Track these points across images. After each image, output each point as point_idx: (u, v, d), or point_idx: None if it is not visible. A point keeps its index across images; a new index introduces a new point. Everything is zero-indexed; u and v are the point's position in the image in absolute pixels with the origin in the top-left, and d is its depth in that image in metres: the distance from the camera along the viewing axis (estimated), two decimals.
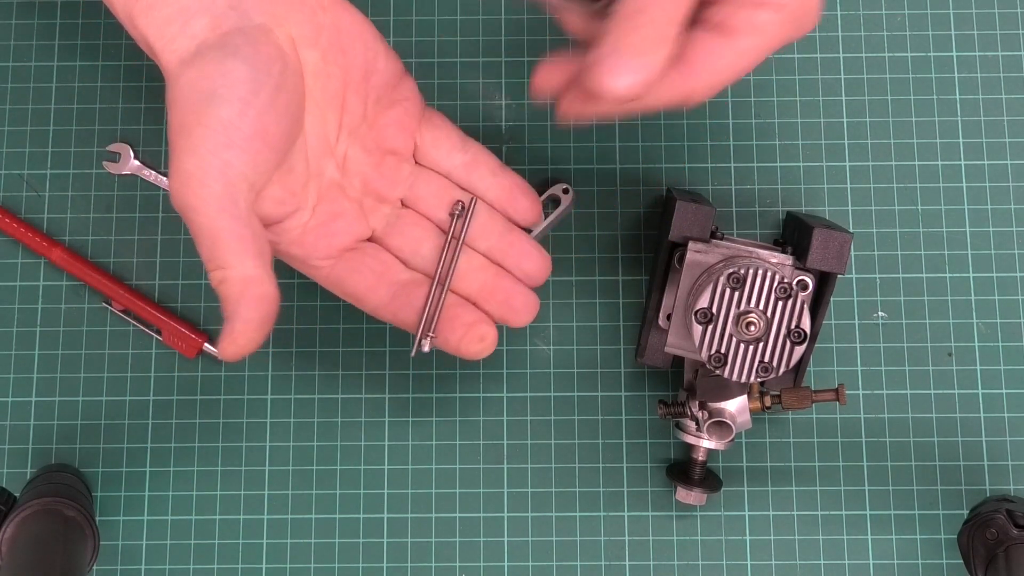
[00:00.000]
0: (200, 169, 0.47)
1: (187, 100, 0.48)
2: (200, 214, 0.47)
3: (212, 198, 0.47)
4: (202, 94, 0.48)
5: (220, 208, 0.48)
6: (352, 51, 0.54)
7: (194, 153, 0.47)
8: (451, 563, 0.63)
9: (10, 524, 0.57)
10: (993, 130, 0.66)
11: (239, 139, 0.48)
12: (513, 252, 0.57)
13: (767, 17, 0.47)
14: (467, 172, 0.57)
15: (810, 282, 0.54)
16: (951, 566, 0.63)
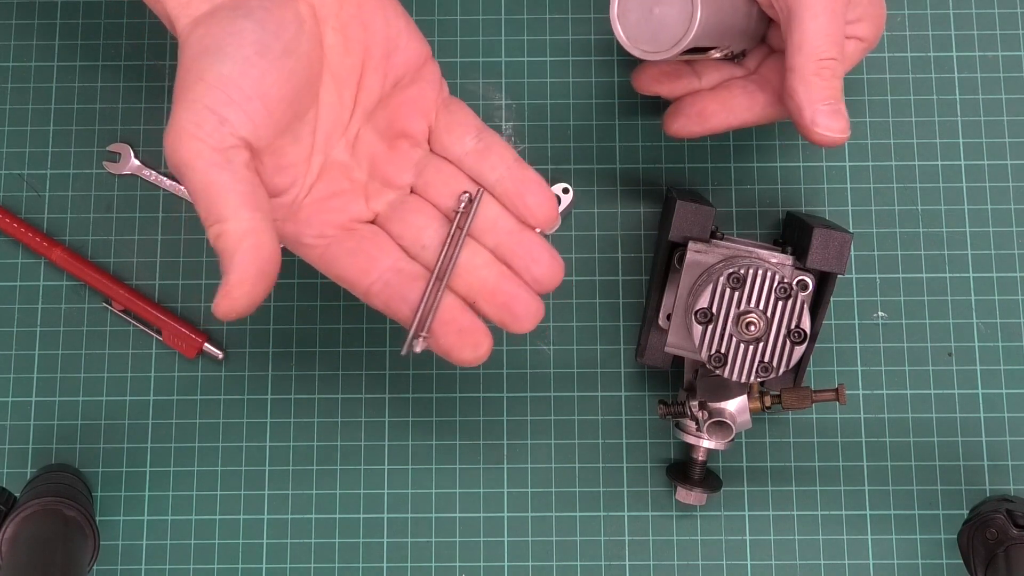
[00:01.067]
0: (194, 124, 0.46)
1: (191, 57, 0.47)
2: (194, 169, 0.46)
3: (206, 152, 0.46)
4: (206, 50, 0.47)
5: (213, 163, 0.46)
6: (373, 27, 0.52)
7: (190, 108, 0.46)
8: (451, 563, 0.63)
9: (10, 524, 0.57)
10: (993, 130, 0.66)
11: (238, 96, 0.47)
12: (522, 252, 0.53)
13: (854, 48, 0.57)
14: (478, 160, 0.53)
15: (810, 282, 0.54)
16: (951, 566, 0.63)
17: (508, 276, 0.53)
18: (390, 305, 0.52)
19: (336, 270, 0.52)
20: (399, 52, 0.53)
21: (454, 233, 0.52)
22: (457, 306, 0.53)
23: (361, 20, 0.52)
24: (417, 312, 0.51)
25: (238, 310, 0.46)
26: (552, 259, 0.53)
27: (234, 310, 0.46)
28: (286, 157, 0.50)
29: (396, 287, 0.52)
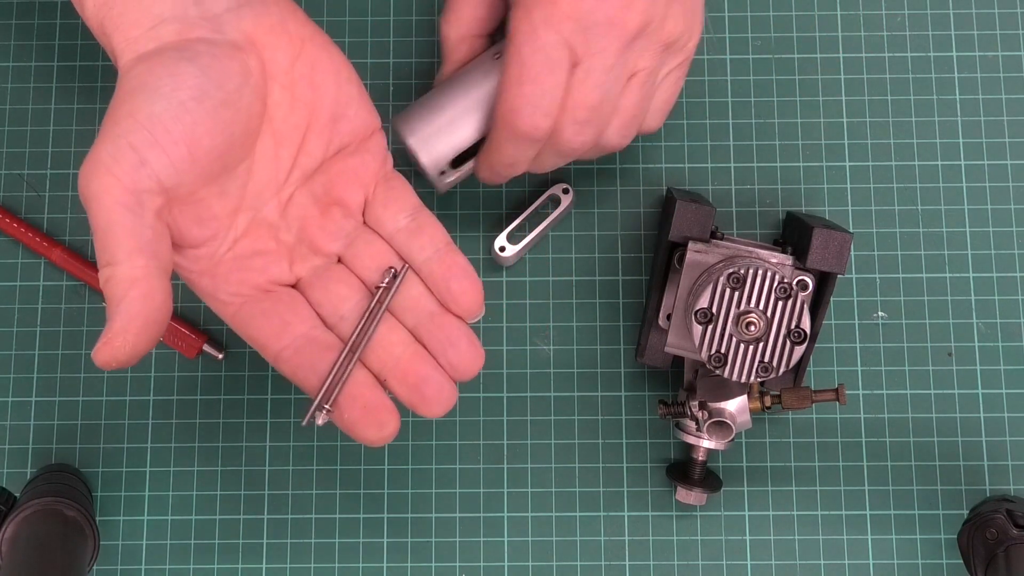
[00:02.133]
0: (112, 158, 0.45)
1: (127, 91, 0.46)
2: (100, 205, 0.44)
3: (116, 190, 0.44)
4: (143, 87, 0.46)
5: (121, 202, 0.44)
6: (323, 89, 0.51)
7: (113, 142, 0.45)
8: (451, 563, 0.63)
9: (10, 524, 0.57)
10: (993, 130, 0.66)
11: (164, 140, 0.45)
12: (440, 336, 0.51)
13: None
14: (409, 238, 0.53)
15: (810, 282, 0.54)
16: (951, 566, 0.63)
17: (423, 357, 0.51)
18: (297, 373, 0.51)
19: (248, 331, 0.51)
20: (347, 119, 0.52)
21: (373, 307, 0.51)
22: (366, 382, 0.51)
23: (312, 81, 0.51)
24: (324, 383, 0.50)
25: (119, 359, 0.44)
26: (471, 346, 0.51)
27: (115, 359, 0.44)
28: (209, 209, 0.49)
29: (306, 355, 0.51)
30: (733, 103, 0.66)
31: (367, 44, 0.67)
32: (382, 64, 0.67)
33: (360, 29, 0.67)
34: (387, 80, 0.67)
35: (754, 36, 0.67)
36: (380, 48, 0.67)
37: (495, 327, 0.65)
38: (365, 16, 0.67)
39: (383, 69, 0.67)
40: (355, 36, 0.67)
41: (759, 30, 0.67)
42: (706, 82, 0.67)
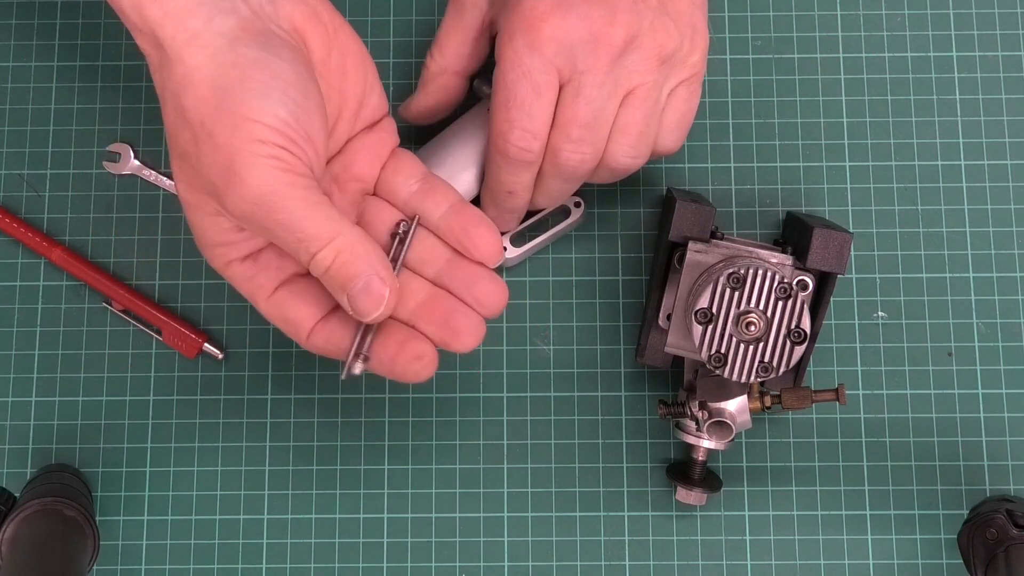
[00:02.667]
0: (272, 157, 0.47)
1: (224, 89, 0.47)
2: (288, 196, 0.47)
3: (296, 179, 0.47)
4: (251, 89, 0.47)
5: (307, 186, 0.47)
6: (354, 78, 0.53)
7: (257, 145, 0.46)
8: (451, 563, 0.63)
9: (10, 524, 0.57)
10: (993, 130, 0.66)
11: (300, 139, 0.47)
12: (460, 276, 0.53)
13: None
14: (423, 199, 0.54)
15: (810, 282, 0.54)
16: (951, 566, 0.63)
17: (447, 296, 0.53)
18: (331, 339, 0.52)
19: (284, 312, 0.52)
20: (369, 106, 0.54)
21: (393, 255, 0.53)
22: (396, 324, 0.52)
23: (343, 71, 0.52)
24: (357, 334, 0.51)
25: (391, 305, 0.49)
26: (492, 282, 0.52)
27: (388, 306, 0.49)
28: None
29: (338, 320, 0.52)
30: (733, 103, 0.66)
31: (367, 44, 0.67)
32: (382, 64, 0.67)
33: (360, 29, 0.67)
34: (387, 80, 0.67)
35: (754, 36, 0.67)
36: (380, 48, 0.67)
37: (495, 327, 0.65)
38: (365, 16, 0.67)
39: (383, 69, 0.66)
40: None
41: (759, 30, 0.67)
42: (706, 82, 0.66)
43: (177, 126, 0.48)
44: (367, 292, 0.48)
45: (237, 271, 0.51)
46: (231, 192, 0.47)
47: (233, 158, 0.47)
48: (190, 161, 0.48)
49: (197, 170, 0.48)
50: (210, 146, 0.47)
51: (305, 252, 0.48)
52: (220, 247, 0.51)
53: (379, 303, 0.48)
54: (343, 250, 0.48)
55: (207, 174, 0.47)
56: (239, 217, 0.48)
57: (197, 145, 0.47)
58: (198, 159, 0.47)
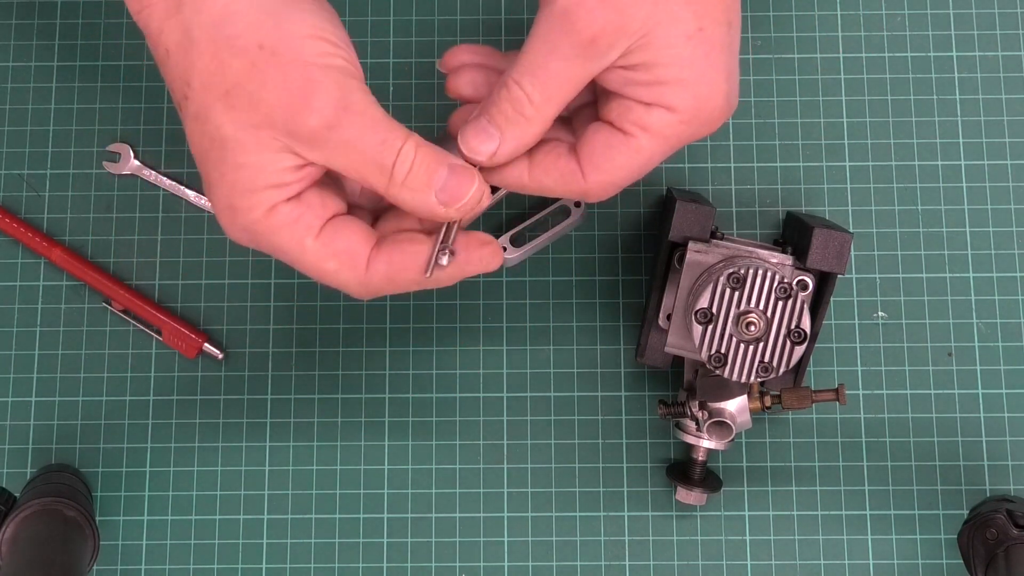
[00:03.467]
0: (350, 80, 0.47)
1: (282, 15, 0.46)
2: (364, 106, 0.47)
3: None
4: (304, 11, 0.47)
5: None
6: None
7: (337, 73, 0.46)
8: (451, 563, 0.63)
9: (10, 524, 0.57)
10: (993, 130, 0.66)
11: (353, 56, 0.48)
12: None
13: (660, 118, 0.47)
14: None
15: (810, 282, 0.54)
16: (951, 566, 0.63)
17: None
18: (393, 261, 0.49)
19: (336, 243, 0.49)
20: None
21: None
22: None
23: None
24: (440, 232, 0.49)
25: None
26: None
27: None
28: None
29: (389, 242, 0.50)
30: None
31: (367, 44, 0.67)
32: (382, 64, 0.67)
33: (360, 29, 0.67)
34: (387, 80, 0.67)
35: (754, 36, 0.67)
36: (380, 48, 0.67)
37: (495, 327, 0.65)
38: (365, 16, 0.67)
39: (383, 69, 0.67)
40: (355, 36, 0.67)
41: (759, 30, 0.67)
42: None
43: (220, 61, 0.46)
44: (456, 175, 0.47)
45: (283, 215, 0.48)
46: (306, 110, 0.45)
47: (307, 72, 0.45)
48: (246, 92, 0.46)
49: (257, 100, 0.46)
50: (274, 67, 0.45)
51: (390, 151, 0.46)
52: (269, 190, 0.47)
53: (471, 182, 0.47)
54: (421, 145, 0.47)
55: (273, 99, 0.46)
56: (311, 138, 0.46)
57: (257, 70, 0.46)
58: (260, 85, 0.46)
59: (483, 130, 0.48)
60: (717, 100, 0.47)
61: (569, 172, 0.49)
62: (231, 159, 0.47)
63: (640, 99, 0.47)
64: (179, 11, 0.47)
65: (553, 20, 0.46)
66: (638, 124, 0.47)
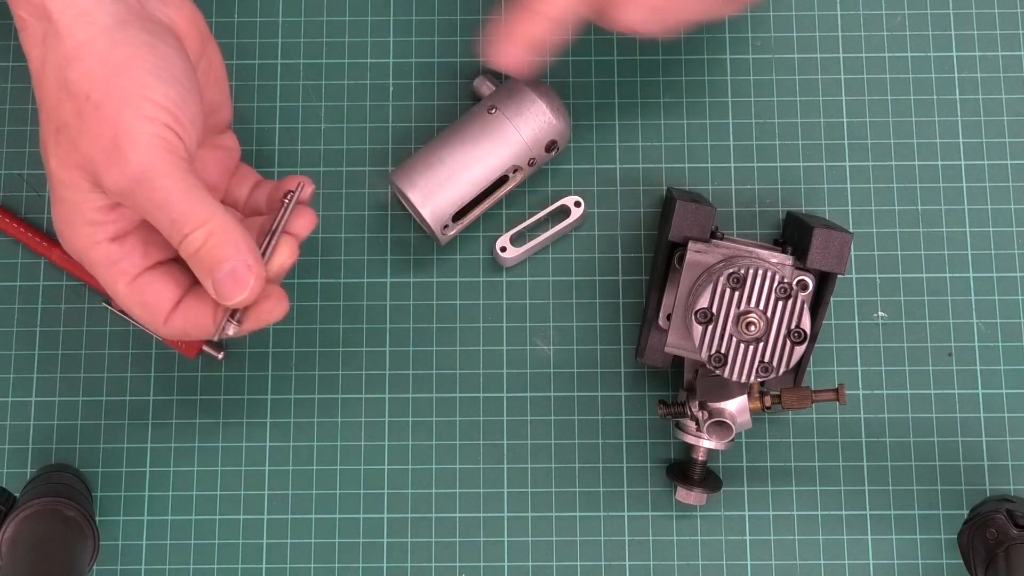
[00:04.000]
0: (157, 136, 0.48)
1: (116, 64, 0.48)
2: (168, 176, 0.48)
3: (178, 160, 0.48)
4: (141, 68, 0.48)
5: (187, 170, 0.48)
6: (215, 88, 0.55)
7: (149, 122, 0.47)
8: (451, 563, 0.63)
9: (10, 524, 0.57)
10: (993, 130, 0.66)
11: (185, 120, 0.49)
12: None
13: None
14: (268, 187, 0.57)
15: (810, 282, 0.54)
16: (951, 566, 0.63)
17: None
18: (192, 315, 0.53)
19: (144, 297, 0.52)
20: (219, 116, 0.56)
21: (274, 227, 0.53)
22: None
23: (207, 79, 0.54)
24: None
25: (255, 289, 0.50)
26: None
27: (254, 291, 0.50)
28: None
29: (195, 299, 0.53)
30: (733, 103, 0.66)
31: (367, 44, 0.67)
32: (382, 64, 0.67)
33: (360, 29, 0.67)
34: (387, 80, 0.67)
35: (754, 36, 0.67)
36: (380, 48, 0.67)
37: (495, 327, 0.65)
38: (365, 16, 0.67)
39: (383, 69, 0.67)
40: (355, 36, 0.67)
41: (759, 30, 0.67)
42: (706, 82, 0.67)
43: (59, 99, 0.49)
44: (233, 277, 0.49)
45: (102, 254, 0.51)
46: (112, 166, 0.47)
47: (118, 132, 0.47)
48: (69, 135, 0.48)
49: (76, 144, 0.48)
50: (95, 119, 0.47)
51: (178, 232, 0.48)
52: (89, 227, 0.50)
53: (243, 288, 0.49)
54: (215, 233, 0.48)
55: (88, 148, 0.48)
56: (116, 192, 0.48)
57: (80, 118, 0.48)
58: (79, 132, 0.48)
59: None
60: None
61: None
62: (56, 192, 0.50)
63: None
64: (42, 43, 0.50)
65: None
66: None
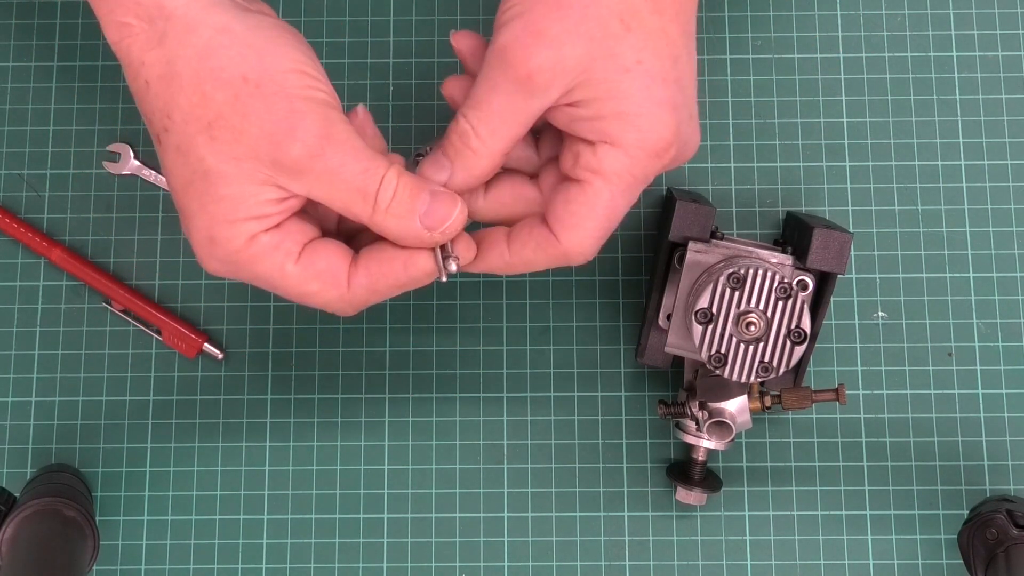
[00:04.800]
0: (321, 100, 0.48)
1: (265, 49, 0.47)
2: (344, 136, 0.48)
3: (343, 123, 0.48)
4: (286, 46, 0.48)
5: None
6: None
7: (304, 97, 0.47)
8: (451, 563, 0.63)
9: (10, 524, 0.57)
10: (993, 130, 0.66)
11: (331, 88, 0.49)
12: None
13: (606, 156, 0.47)
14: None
15: (810, 282, 0.54)
16: (951, 566, 0.63)
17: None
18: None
19: (315, 267, 0.50)
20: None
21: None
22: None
23: None
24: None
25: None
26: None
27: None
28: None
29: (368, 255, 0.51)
30: (733, 103, 0.66)
31: (367, 44, 0.67)
32: (382, 64, 0.67)
33: (360, 29, 0.67)
34: (387, 80, 0.67)
35: (754, 36, 0.67)
36: (380, 48, 0.67)
37: (495, 327, 0.65)
38: (365, 16, 0.67)
39: (383, 69, 0.67)
40: (355, 36, 0.67)
41: (759, 30, 0.67)
42: (706, 82, 0.67)
43: (204, 93, 0.47)
44: (439, 200, 0.48)
45: (263, 244, 0.48)
46: (292, 140, 0.46)
47: (290, 103, 0.46)
48: (229, 124, 0.47)
49: (241, 132, 0.46)
50: (260, 97, 0.46)
51: (372, 179, 0.47)
52: (250, 221, 0.48)
53: (454, 204, 0.48)
54: (402, 173, 0.48)
55: (257, 130, 0.46)
56: (298, 168, 0.47)
57: (241, 103, 0.46)
58: (244, 117, 0.46)
59: (436, 161, 0.50)
60: (662, 132, 0.47)
61: (543, 239, 0.49)
62: (213, 191, 0.47)
63: (585, 136, 0.48)
64: (162, 43, 0.48)
65: (493, 57, 0.47)
66: (588, 168, 0.48)
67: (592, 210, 0.48)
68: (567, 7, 0.46)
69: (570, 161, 0.49)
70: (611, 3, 0.46)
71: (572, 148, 0.49)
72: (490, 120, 0.48)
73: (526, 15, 0.47)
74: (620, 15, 0.46)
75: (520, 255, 0.50)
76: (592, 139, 0.48)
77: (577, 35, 0.46)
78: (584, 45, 0.46)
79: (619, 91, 0.47)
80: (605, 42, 0.46)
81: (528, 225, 0.50)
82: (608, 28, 0.46)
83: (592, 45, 0.46)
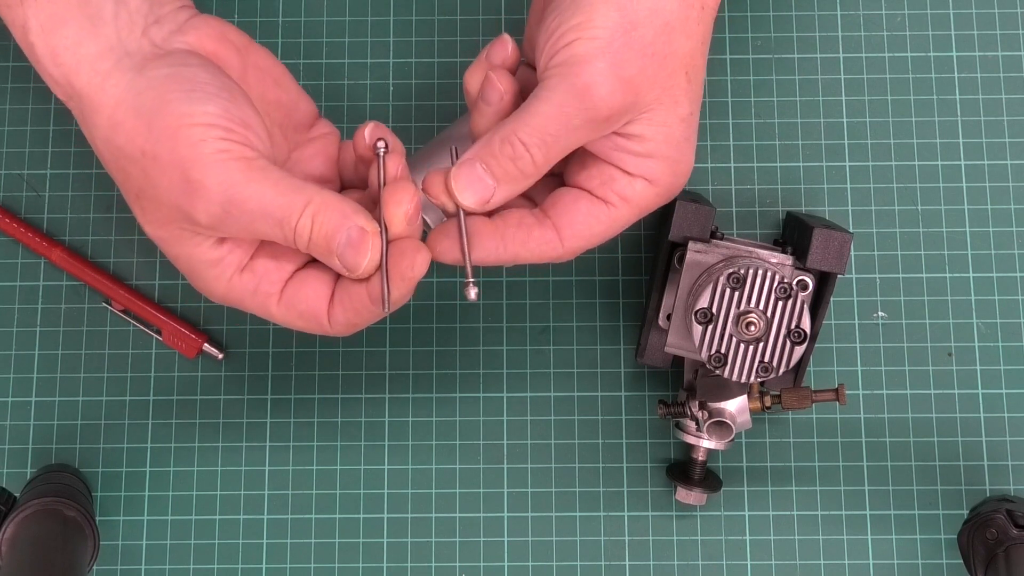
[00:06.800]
0: (223, 151, 0.47)
1: (155, 112, 0.47)
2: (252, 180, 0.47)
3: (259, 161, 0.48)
4: (174, 102, 0.47)
5: (266, 165, 0.48)
6: (277, 89, 0.53)
7: (210, 141, 0.47)
8: (451, 563, 0.63)
9: (10, 524, 0.57)
10: (993, 130, 0.66)
11: (252, 127, 0.48)
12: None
13: (640, 189, 0.50)
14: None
15: (810, 282, 0.54)
16: (951, 566, 0.63)
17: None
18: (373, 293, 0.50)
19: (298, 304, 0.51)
20: (300, 111, 0.54)
21: (379, 177, 0.50)
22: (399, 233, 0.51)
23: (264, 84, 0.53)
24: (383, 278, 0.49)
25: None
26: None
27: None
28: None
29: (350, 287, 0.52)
30: (733, 103, 0.66)
31: (367, 44, 0.67)
32: (382, 64, 0.67)
33: (360, 29, 0.67)
34: (387, 80, 0.67)
35: (754, 36, 0.67)
36: (380, 48, 0.67)
37: (495, 327, 0.65)
38: (365, 16, 0.67)
39: (383, 69, 0.67)
40: (355, 36, 0.67)
41: (759, 30, 0.67)
42: (706, 82, 0.66)
43: (123, 168, 0.48)
44: (351, 246, 0.48)
45: (239, 287, 0.50)
46: (197, 201, 0.47)
47: (186, 169, 0.47)
48: (149, 195, 0.48)
49: (158, 202, 0.48)
50: (159, 169, 0.47)
51: (287, 228, 0.47)
52: (213, 269, 0.50)
53: (364, 251, 0.48)
54: (318, 211, 0.47)
55: (168, 199, 0.47)
56: (214, 225, 0.48)
57: (148, 175, 0.47)
58: (155, 188, 0.47)
59: (479, 179, 0.49)
60: (685, 177, 0.52)
61: (546, 241, 0.51)
62: (168, 252, 0.50)
63: (625, 167, 0.50)
64: (82, 122, 0.50)
65: (571, 93, 0.47)
66: (620, 195, 0.50)
67: (609, 228, 0.51)
68: (651, 55, 0.48)
69: (597, 181, 0.50)
70: (683, 56, 0.49)
71: (604, 171, 0.50)
72: (551, 149, 0.48)
73: (611, 55, 0.47)
74: (686, 68, 0.49)
75: (515, 254, 0.51)
76: (632, 172, 0.50)
77: (655, 82, 0.48)
78: (658, 92, 0.48)
79: (672, 137, 0.49)
80: (673, 92, 0.49)
81: (526, 225, 0.51)
82: (677, 79, 0.49)
83: (663, 93, 0.49)
